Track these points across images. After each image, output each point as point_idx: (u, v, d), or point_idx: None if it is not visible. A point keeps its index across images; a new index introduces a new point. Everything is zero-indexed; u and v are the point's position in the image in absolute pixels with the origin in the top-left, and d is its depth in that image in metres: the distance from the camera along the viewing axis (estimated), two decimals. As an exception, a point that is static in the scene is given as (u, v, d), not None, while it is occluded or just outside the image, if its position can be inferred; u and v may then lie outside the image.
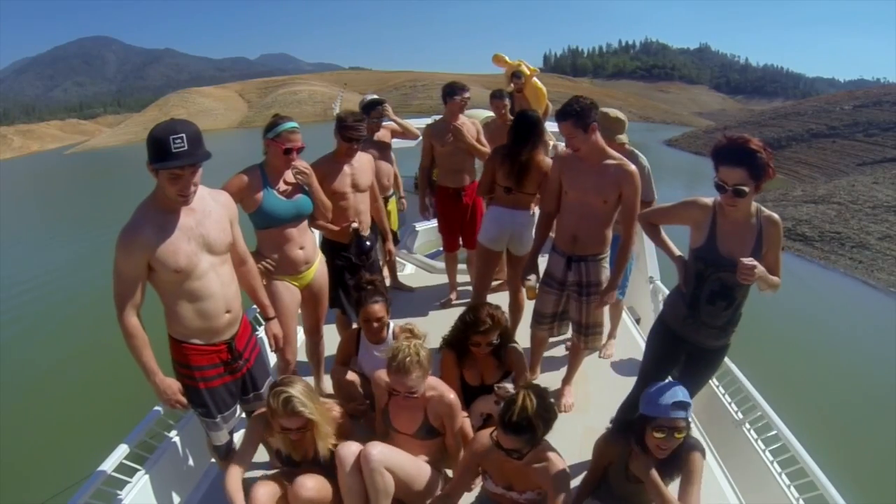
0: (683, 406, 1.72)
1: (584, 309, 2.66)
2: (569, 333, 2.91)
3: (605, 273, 2.65)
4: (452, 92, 3.62)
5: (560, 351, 3.40)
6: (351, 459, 1.94)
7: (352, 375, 2.62)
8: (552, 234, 2.79)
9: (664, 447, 1.74)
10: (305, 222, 2.55)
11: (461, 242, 4.04)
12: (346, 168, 2.84)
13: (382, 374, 2.15)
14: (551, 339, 3.07)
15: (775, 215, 1.90)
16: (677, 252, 2.13)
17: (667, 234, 2.22)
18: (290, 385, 1.92)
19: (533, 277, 2.74)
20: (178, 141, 1.60)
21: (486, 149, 3.57)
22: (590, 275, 2.59)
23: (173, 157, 1.60)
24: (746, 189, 1.75)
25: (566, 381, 2.95)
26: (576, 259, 2.59)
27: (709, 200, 1.95)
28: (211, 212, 1.84)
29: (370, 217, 3.11)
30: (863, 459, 4.81)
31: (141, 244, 1.69)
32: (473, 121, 3.87)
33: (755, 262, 1.78)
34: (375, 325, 2.52)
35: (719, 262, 1.90)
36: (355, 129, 2.76)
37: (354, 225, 2.91)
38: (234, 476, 1.96)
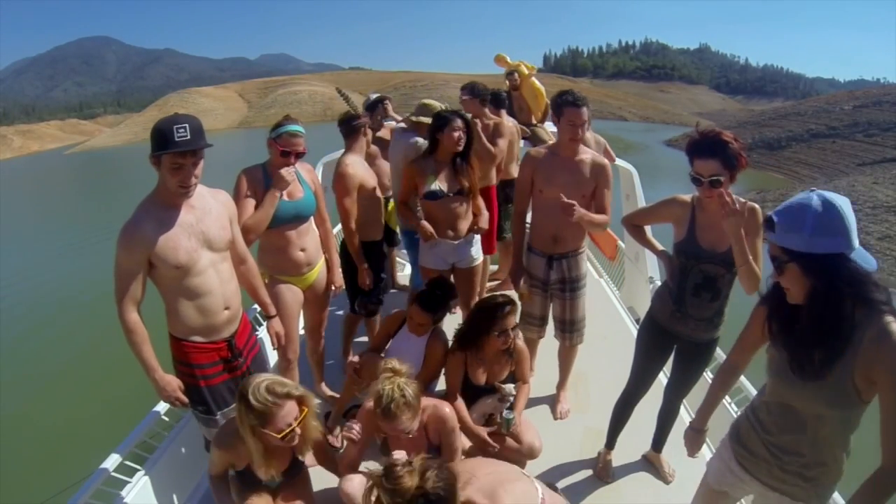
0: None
1: (569, 305, 2.66)
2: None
3: (585, 266, 2.66)
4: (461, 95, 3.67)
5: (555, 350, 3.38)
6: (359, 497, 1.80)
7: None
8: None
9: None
10: (307, 225, 2.52)
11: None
12: (373, 169, 2.91)
13: (368, 408, 1.94)
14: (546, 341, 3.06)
15: (755, 205, 1.90)
16: (660, 247, 2.20)
17: (654, 231, 2.26)
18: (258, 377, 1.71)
19: (525, 281, 2.72)
20: (182, 130, 1.64)
21: (492, 150, 3.49)
22: (571, 270, 2.61)
23: (175, 144, 1.64)
24: (721, 179, 1.79)
25: (560, 386, 2.94)
26: (557, 257, 2.59)
27: (687, 197, 2.01)
28: (211, 209, 1.86)
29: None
30: (863, 460, 4.82)
31: (141, 240, 1.71)
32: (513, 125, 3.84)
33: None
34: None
35: (700, 255, 1.95)
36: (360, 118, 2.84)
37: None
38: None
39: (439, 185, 2.66)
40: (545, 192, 2.48)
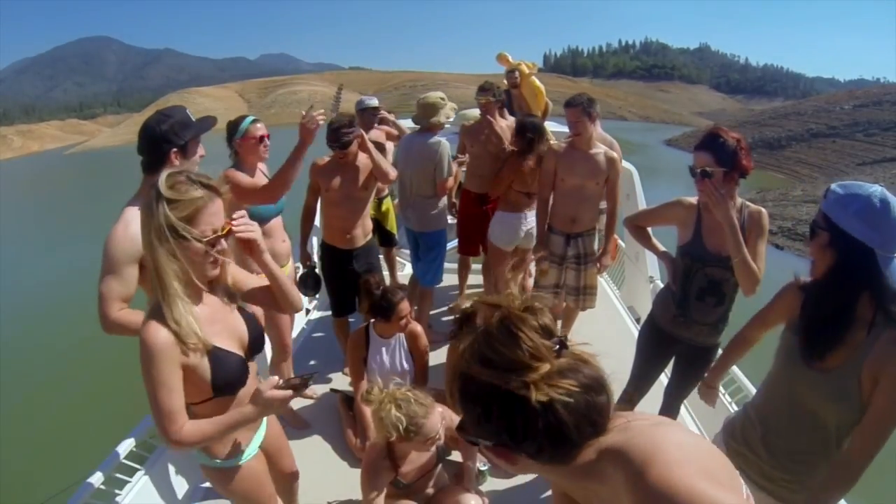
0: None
1: (583, 275, 3.04)
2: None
3: (597, 243, 3.08)
4: (476, 93, 3.62)
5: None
6: None
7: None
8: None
9: None
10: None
11: (481, 249, 3.83)
12: (347, 173, 2.76)
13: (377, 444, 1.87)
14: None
15: (762, 209, 1.92)
16: (662, 248, 2.19)
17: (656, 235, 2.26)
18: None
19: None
20: (190, 113, 1.84)
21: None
22: (586, 247, 3.00)
23: (199, 123, 1.82)
24: (710, 171, 1.80)
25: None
26: (574, 236, 2.97)
27: (693, 199, 2.00)
28: None
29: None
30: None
31: (134, 241, 1.62)
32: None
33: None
34: (405, 321, 2.44)
35: (706, 258, 1.94)
36: (338, 137, 2.65)
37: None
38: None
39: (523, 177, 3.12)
40: (566, 180, 2.87)
